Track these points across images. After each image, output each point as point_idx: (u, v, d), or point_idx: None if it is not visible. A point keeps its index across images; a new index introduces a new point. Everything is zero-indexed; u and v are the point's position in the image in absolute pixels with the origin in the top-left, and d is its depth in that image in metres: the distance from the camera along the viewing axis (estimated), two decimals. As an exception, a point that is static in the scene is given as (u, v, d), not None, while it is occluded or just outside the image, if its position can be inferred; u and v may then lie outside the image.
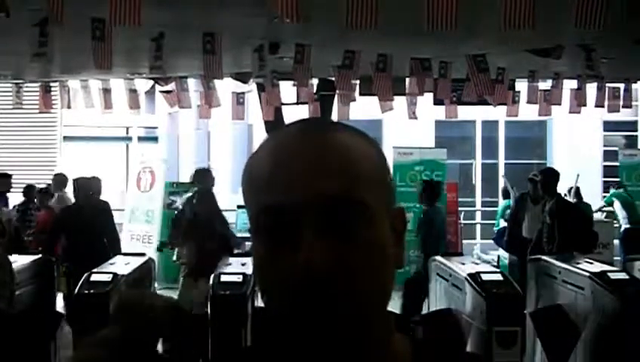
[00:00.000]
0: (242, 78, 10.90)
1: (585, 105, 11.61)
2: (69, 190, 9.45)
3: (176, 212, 9.49)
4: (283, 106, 11.63)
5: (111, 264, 6.76)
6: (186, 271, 8.11)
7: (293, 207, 0.88)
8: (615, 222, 12.55)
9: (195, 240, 7.93)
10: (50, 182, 10.91)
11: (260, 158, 0.94)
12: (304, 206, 0.88)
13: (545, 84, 11.68)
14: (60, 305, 7.53)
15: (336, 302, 0.87)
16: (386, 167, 0.97)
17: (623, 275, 6.10)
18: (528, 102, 11.43)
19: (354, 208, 0.89)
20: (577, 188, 12.57)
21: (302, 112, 11.65)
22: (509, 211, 12.34)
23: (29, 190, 10.55)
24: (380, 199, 0.92)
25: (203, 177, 8.46)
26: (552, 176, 8.82)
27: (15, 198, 11.64)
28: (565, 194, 11.75)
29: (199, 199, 8.15)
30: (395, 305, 8.89)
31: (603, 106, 11.84)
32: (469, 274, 6.10)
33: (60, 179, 10.68)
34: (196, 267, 7.76)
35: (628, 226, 12.04)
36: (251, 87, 11.96)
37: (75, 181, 8.58)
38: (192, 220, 8.02)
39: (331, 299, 0.87)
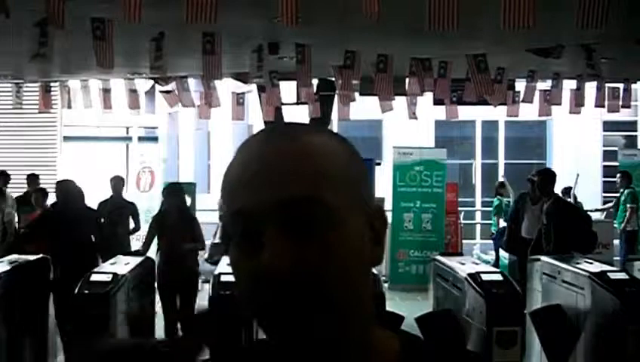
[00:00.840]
0: (242, 78, 10.90)
1: (584, 105, 11.61)
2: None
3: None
4: (283, 106, 11.64)
5: (111, 264, 6.77)
6: None
7: (257, 211, 0.90)
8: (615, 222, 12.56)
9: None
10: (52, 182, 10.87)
11: (230, 166, 0.97)
12: (266, 209, 0.90)
13: (545, 84, 11.68)
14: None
15: (301, 302, 0.89)
16: (357, 166, 0.98)
17: (622, 275, 6.11)
18: (524, 101, 11.42)
19: (316, 208, 0.90)
20: (569, 189, 12.58)
21: (302, 112, 11.66)
22: (497, 209, 12.42)
23: (31, 179, 10.48)
24: (351, 198, 0.93)
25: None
26: (548, 176, 8.79)
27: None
28: (564, 193, 11.80)
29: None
30: (396, 305, 8.90)
31: (603, 106, 11.84)
32: (469, 274, 6.10)
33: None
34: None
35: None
36: (251, 87, 11.96)
37: (58, 184, 8.44)
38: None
39: (296, 298, 0.88)
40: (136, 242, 10.97)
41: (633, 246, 12.09)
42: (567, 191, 12.40)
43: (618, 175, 12.73)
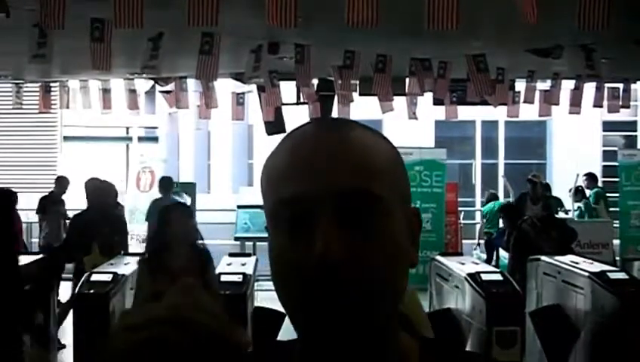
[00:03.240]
0: (242, 78, 10.90)
1: (584, 105, 11.61)
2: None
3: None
4: (283, 106, 11.64)
5: (111, 264, 6.77)
6: None
7: (310, 198, 0.90)
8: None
9: None
10: (53, 183, 10.87)
11: (277, 155, 0.97)
12: (320, 198, 0.90)
13: (545, 85, 11.68)
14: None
15: (348, 290, 0.88)
16: (401, 166, 1.00)
17: (622, 275, 6.11)
18: (525, 102, 11.43)
19: (368, 200, 0.91)
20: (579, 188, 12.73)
21: (302, 112, 11.66)
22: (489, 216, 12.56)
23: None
24: (395, 194, 0.94)
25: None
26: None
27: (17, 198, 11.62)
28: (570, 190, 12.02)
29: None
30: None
31: (602, 106, 11.84)
32: (469, 274, 6.11)
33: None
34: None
35: None
36: (251, 87, 11.96)
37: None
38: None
39: (344, 287, 0.88)
40: (136, 242, 11.00)
41: None
42: (580, 191, 12.65)
43: (584, 177, 13.05)
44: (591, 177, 13.08)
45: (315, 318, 0.91)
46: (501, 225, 12.14)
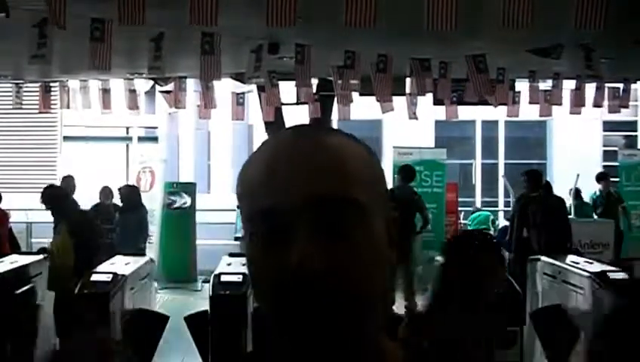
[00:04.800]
0: (242, 78, 10.90)
1: (584, 105, 11.61)
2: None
3: None
4: (283, 106, 11.63)
5: (111, 264, 6.77)
6: None
7: (286, 209, 0.89)
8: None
9: None
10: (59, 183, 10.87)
11: (252, 163, 0.96)
12: (296, 207, 0.89)
13: (545, 85, 11.68)
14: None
15: (328, 301, 0.88)
16: (379, 172, 0.98)
17: (622, 275, 6.10)
18: (531, 102, 11.44)
19: (346, 207, 0.90)
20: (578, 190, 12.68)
21: (302, 112, 11.66)
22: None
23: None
24: (373, 200, 0.93)
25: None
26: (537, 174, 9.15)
27: (16, 198, 11.64)
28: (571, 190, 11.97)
29: None
30: (396, 305, 8.90)
31: (602, 106, 11.84)
32: (469, 274, 6.10)
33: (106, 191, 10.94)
34: None
35: None
36: (251, 87, 11.96)
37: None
38: None
39: (324, 298, 0.88)
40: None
41: None
42: (577, 193, 12.53)
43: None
44: (604, 178, 12.49)
45: (294, 329, 0.90)
46: (501, 225, 12.16)
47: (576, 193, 12.60)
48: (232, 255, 7.44)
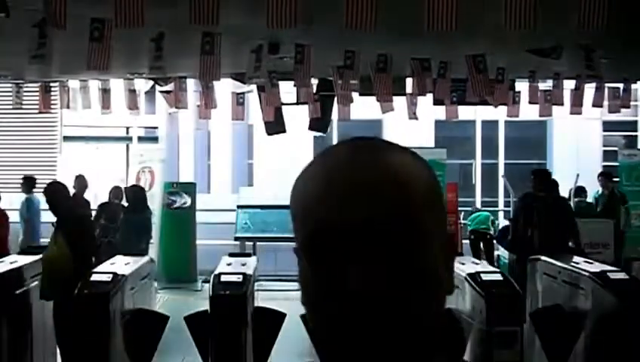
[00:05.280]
0: (242, 78, 10.90)
1: (584, 105, 11.61)
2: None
3: None
4: (283, 106, 11.63)
5: (111, 264, 6.76)
6: None
7: (343, 232, 0.87)
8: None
9: None
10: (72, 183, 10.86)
11: (308, 179, 0.93)
12: (354, 231, 0.86)
13: (545, 85, 11.68)
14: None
15: (384, 325, 0.86)
16: (437, 189, 0.95)
17: (622, 275, 6.10)
18: (531, 102, 11.44)
19: (405, 231, 0.87)
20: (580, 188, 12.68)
21: (302, 112, 11.66)
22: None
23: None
24: (432, 221, 0.90)
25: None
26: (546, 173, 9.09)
27: (16, 198, 11.64)
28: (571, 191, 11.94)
29: None
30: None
31: (602, 106, 11.83)
32: (469, 274, 6.10)
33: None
34: None
35: None
36: (251, 87, 11.96)
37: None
38: None
39: (380, 322, 0.86)
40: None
41: None
42: (579, 191, 12.54)
43: (599, 178, 12.71)
44: (606, 177, 12.57)
45: (346, 351, 0.88)
46: (501, 225, 12.15)
47: (578, 192, 12.60)
48: (232, 255, 7.44)
